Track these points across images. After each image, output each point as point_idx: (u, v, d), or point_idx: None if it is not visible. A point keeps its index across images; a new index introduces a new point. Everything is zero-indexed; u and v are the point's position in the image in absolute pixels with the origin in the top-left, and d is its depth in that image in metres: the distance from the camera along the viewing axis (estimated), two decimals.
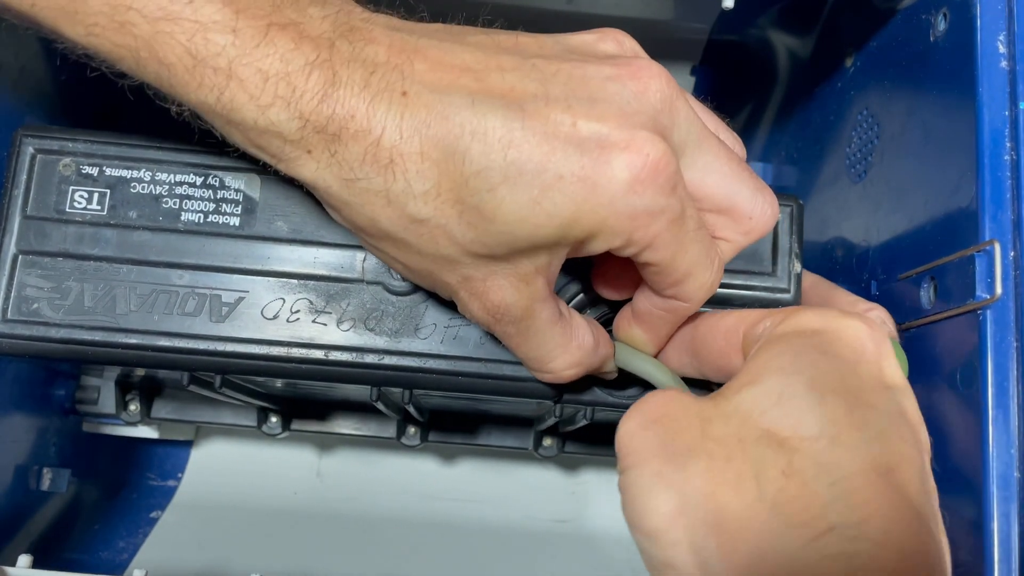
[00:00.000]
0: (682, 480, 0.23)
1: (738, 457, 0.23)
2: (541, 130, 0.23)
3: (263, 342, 0.31)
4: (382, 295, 0.31)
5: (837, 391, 0.23)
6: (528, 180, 0.23)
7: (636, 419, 0.25)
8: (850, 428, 0.23)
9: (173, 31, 0.23)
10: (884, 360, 0.25)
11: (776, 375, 0.24)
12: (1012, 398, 0.30)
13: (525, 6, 0.47)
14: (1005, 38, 0.32)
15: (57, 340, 0.30)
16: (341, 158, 0.24)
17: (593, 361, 0.29)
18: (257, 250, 0.31)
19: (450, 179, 0.23)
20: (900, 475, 0.22)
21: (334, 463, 0.56)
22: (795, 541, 0.21)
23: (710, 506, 0.22)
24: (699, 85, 0.56)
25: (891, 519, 0.22)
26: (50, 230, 0.31)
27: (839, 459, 0.22)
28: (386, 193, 0.24)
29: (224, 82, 0.23)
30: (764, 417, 0.23)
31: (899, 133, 0.39)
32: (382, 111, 0.23)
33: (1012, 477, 0.29)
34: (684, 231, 0.25)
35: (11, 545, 0.41)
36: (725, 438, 0.23)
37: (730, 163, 0.27)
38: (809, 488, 0.22)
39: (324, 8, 0.24)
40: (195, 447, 0.56)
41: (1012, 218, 0.31)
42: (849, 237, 0.42)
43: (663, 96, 0.25)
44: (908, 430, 0.24)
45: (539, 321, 0.27)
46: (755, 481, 0.22)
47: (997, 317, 0.30)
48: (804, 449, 0.22)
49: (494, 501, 0.55)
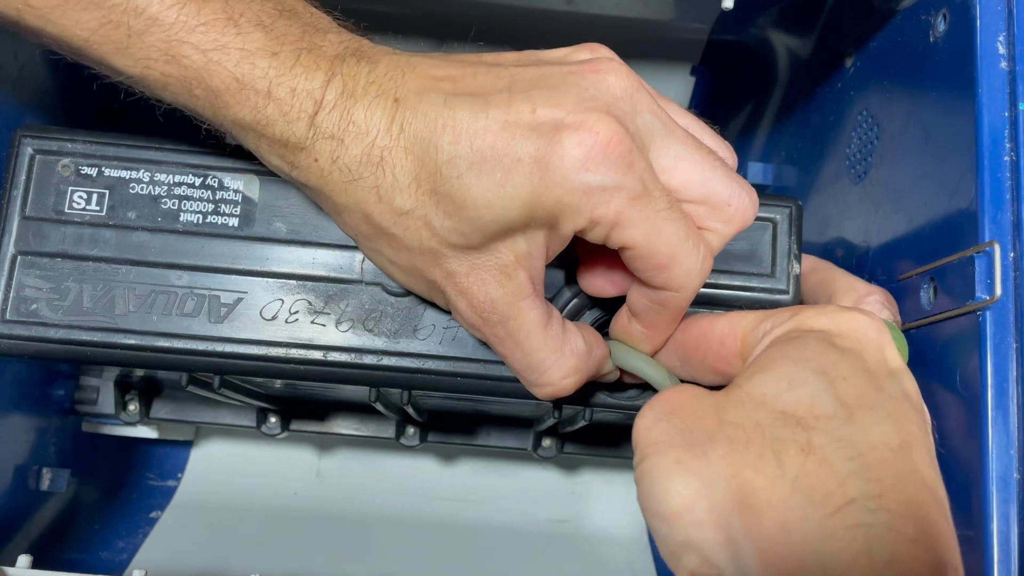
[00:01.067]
0: (703, 465, 0.24)
1: (757, 439, 0.24)
2: (503, 119, 0.25)
3: (262, 343, 0.31)
4: (381, 296, 0.31)
5: (846, 376, 0.24)
6: (492, 165, 0.25)
7: (653, 412, 0.26)
8: (862, 408, 0.24)
9: (222, 59, 0.26)
10: (885, 346, 0.26)
11: (786, 362, 0.25)
12: (1012, 399, 0.30)
13: (525, 7, 0.47)
14: (1005, 38, 0.32)
15: (56, 340, 0.30)
16: (343, 163, 0.26)
17: (589, 366, 0.29)
18: (256, 251, 0.31)
19: (427, 170, 0.26)
20: (912, 453, 0.23)
21: (334, 463, 0.56)
22: (817, 514, 0.22)
23: (734, 485, 0.23)
24: (699, 85, 0.56)
25: (907, 492, 0.23)
26: (49, 231, 0.31)
27: (854, 436, 0.23)
28: (377, 189, 0.26)
29: (264, 102, 0.26)
30: (779, 400, 0.24)
31: (899, 133, 0.38)
32: (377, 116, 0.26)
33: (1012, 478, 0.29)
34: (651, 210, 0.25)
35: (11, 545, 0.41)
36: (743, 423, 0.24)
37: (700, 152, 0.27)
38: (828, 464, 0.23)
39: (340, 35, 0.28)
40: (195, 447, 0.56)
41: (1012, 219, 0.31)
42: (849, 237, 0.42)
43: (623, 87, 0.26)
44: (914, 411, 0.25)
45: (527, 322, 0.27)
46: (776, 459, 0.23)
47: (997, 318, 0.30)
48: (821, 427, 0.23)
49: (494, 501, 0.55)
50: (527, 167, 0.25)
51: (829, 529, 0.22)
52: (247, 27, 0.26)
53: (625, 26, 0.48)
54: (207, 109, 0.27)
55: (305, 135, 0.26)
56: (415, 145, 0.26)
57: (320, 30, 0.27)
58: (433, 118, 0.25)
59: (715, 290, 0.33)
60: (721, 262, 0.33)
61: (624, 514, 0.56)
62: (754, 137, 0.56)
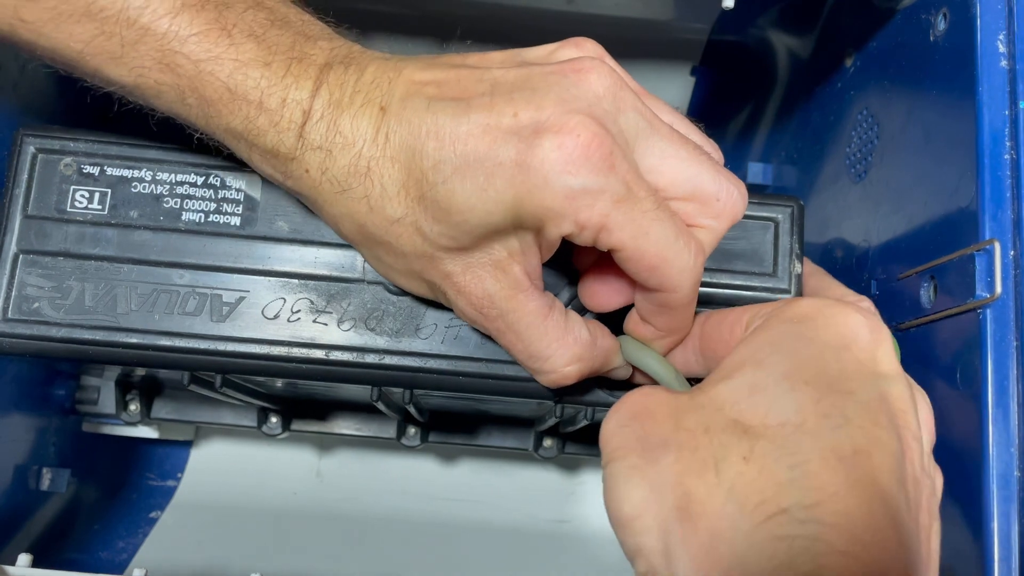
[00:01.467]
0: (655, 472, 0.24)
1: (704, 446, 0.24)
2: (484, 122, 0.25)
3: (264, 342, 0.31)
4: (383, 295, 0.31)
5: (810, 380, 0.24)
6: (474, 169, 0.25)
7: (616, 416, 0.26)
8: (817, 415, 0.23)
9: (215, 70, 0.26)
10: (880, 348, 0.25)
11: (751, 368, 0.25)
12: (1012, 397, 0.30)
13: (525, 7, 0.47)
14: (1005, 38, 0.32)
15: (58, 339, 0.30)
16: (331, 174, 0.26)
17: (595, 355, 0.29)
18: (258, 250, 0.31)
19: (414, 177, 0.26)
20: (869, 460, 0.23)
21: (334, 463, 0.56)
22: (746, 523, 0.22)
23: (677, 493, 0.23)
24: (699, 85, 0.56)
25: (847, 503, 0.22)
26: (51, 230, 0.31)
27: (801, 443, 0.23)
28: (367, 199, 0.26)
29: (255, 112, 0.26)
30: (735, 408, 0.24)
31: (899, 133, 0.39)
32: (363, 125, 0.26)
33: (1012, 477, 0.30)
34: (637, 211, 0.25)
35: (11, 544, 0.41)
36: (694, 429, 0.24)
37: (686, 148, 0.27)
38: (767, 472, 0.22)
39: (331, 42, 0.28)
40: (195, 447, 0.56)
41: (1012, 217, 0.31)
42: (849, 237, 0.42)
43: (605, 86, 0.26)
44: (886, 416, 0.24)
45: (527, 313, 0.27)
46: (715, 467, 0.23)
47: (997, 316, 0.31)
48: (768, 436, 0.23)
49: (494, 501, 0.55)
50: (508, 171, 0.24)
51: (755, 540, 0.22)
52: (240, 37, 0.26)
53: (625, 26, 0.48)
54: (200, 118, 0.27)
55: (295, 146, 0.26)
56: (401, 153, 0.26)
57: (311, 38, 0.27)
58: (417, 124, 0.25)
59: (716, 290, 0.33)
60: (723, 261, 0.33)
61: None
62: (754, 137, 0.56)
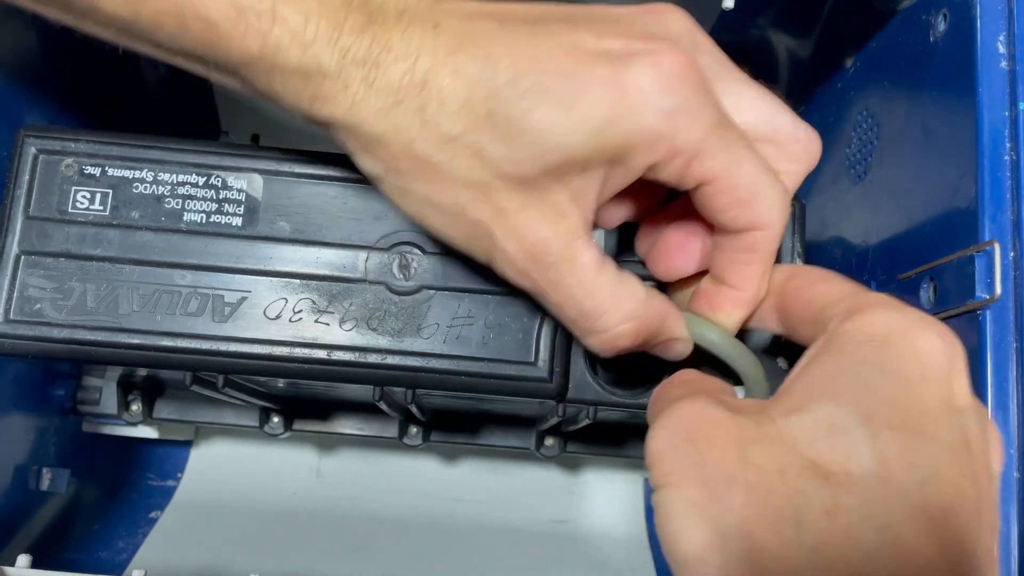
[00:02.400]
0: (719, 513, 0.21)
1: (780, 490, 0.21)
2: (569, 43, 0.23)
3: (266, 342, 0.31)
4: (385, 295, 0.31)
5: (894, 424, 0.22)
6: (560, 87, 0.23)
7: (667, 435, 0.23)
8: (904, 467, 0.21)
9: None
10: (955, 379, 0.23)
11: (828, 403, 0.22)
12: (1012, 398, 0.30)
13: None
14: (1005, 38, 0.33)
15: (59, 340, 0.30)
16: (380, 85, 0.24)
17: (650, 314, 0.27)
18: (259, 250, 0.31)
19: (482, 93, 0.23)
20: (955, 519, 0.21)
21: (334, 463, 0.56)
22: None
23: (747, 544, 0.21)
24: None
25: (939, 572, 0.20)
26: (52, 230, 0.31)
27: (889, 501, 0.21)
28: (421, 113, 0.24)
29: (268, 26, 0.24)
30: (812, 448, 0.22)
31: (899, 133, 0.39)
32: (416, 39, 0.24)
33: (1012, 477, 0.30)
34: (732, 139, 0.24)
35: (11, 545, 0.41)
36: (766, 467, 0.22)
37: (763, 91, 0.26)
38: (853, 534, 0.20)
39: None
40: (195, 447, 0.56)
41: (1012, 218, 0.31)
42: (849, 237, 0.43)
43: (684, 26, 0.25)
44: (968, 462, 0.22)
45: (581, 264, 0.25)
46: (795, 520, 0.21)
47: (996, 317, 0.31)
48: (852, 486, 0.21)
49: (495, 501, 0.55)
50: (601, 88, 0.23)
51: None
52: None
53: None
54: (207, 49, 0.24)
55: (329, 61, 0.24)
56: (467, 66, 0.23)
57: None
58: (486, 42, 0.23)
59: None
60: None
61: (624, 514, 0.56)
62: None
